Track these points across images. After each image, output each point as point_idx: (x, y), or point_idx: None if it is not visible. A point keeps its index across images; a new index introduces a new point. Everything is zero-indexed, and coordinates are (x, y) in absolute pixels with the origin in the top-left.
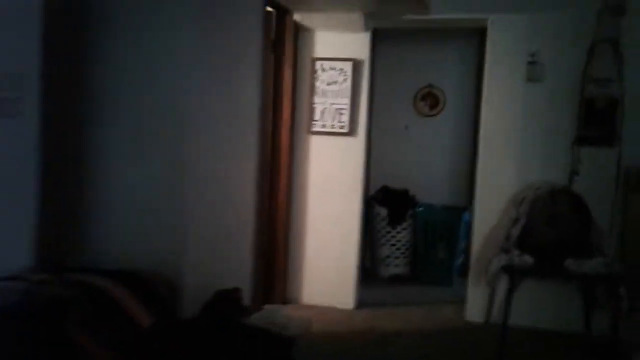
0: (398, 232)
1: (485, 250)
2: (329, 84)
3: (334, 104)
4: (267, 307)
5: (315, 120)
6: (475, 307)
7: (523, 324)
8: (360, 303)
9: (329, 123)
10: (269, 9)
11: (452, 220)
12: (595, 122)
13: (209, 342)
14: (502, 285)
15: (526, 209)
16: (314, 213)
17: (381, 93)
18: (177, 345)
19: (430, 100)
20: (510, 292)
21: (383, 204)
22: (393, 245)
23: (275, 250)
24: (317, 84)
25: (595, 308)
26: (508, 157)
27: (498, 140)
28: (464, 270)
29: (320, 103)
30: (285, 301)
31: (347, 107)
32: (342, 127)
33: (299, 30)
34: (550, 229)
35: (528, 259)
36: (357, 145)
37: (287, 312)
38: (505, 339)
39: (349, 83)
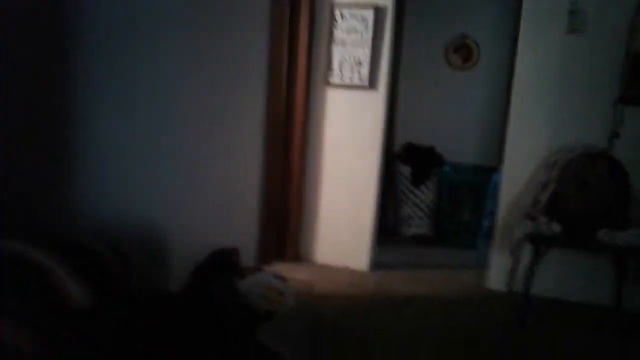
0: (422, 192)
1: (511, 216)
2: (348, 32)
3: (353, 54)
4: (271, 267)
5: (333, 72)
6: (498, 275)
7: (547, 295)
8: (376, 264)
9: (347, 75)
10: None
11: (480, 180)
12: None
13: (154, 324)
14: (527, 254)
15: (557, 173)
16: (330, 171)
17: (410, 44)
18: (113, 327)
19: (463, 52)
20: (534, 262)
21: (407, 161)
22: (416, 204)
23: (288, 209)
24: (336, 32)
25: (628, 282)
26: (542, 116)
27: (532, 97)
28: (490, 234)
29: (338, 53)
30: (297, 259)
31: (368, 58)
32: (361, 80)
33: None
34: (583, 196)
35: (556, 227)
36: (377, 99)
37: (292, 274)
38: (526, 309)
39: (370, 32)
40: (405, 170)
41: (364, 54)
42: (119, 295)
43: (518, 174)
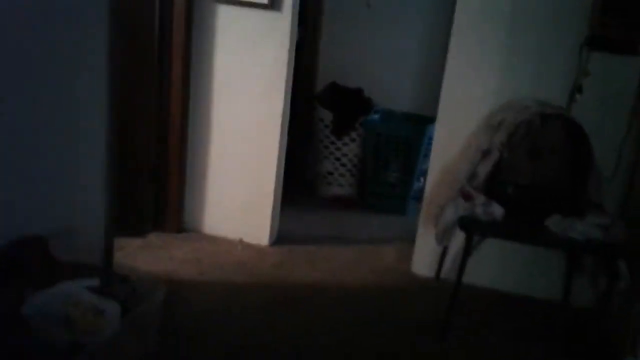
0: (345, 144)
1: (441, 187)
2: None
3: None
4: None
5: None
6: (424, 258)
7: (481, 284)
8: (280, 237)
9: None
10: None
11: (413, 133)
12: (617, 17)
13: None
14: (459, 239)
15: (503, 138)
16: (221, 121)
17: None
18: None
19: None
20: (467, 252)
21: (329, 106)
22: (338, 159)
23: (167, 166)
24: None
25: (582, 276)
26: (487, 60)
27: (476, 34)
28: (422, 198)
29: None
30: (180, 230)
31: None
32: None
33: None
34: (533, 168)
35: (497, 211)
36: (281, 23)
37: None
38: (455, 302)
39: None
40: (327, 116)
41: None
42: None
43: (454, 134)
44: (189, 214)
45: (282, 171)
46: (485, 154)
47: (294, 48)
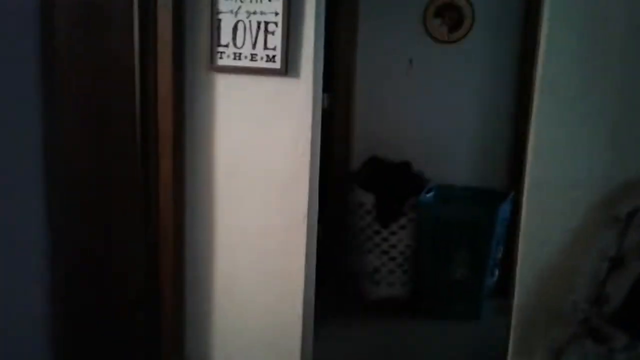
0: (393, 233)
1: (542, 304)
2: None
3: (255, 13)
4: None
5: (223, 46)
6: None
7: None
8: None
9: (247, 51)
10: None
11: (482, 214)
12: None
13: None
14: None
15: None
16: (228, 226)
17: (367, 3)
18: None
19: (449, 15)
20: None
21: (369, 186)
22: (385, 252)
23: (158, 296)
24: None
25: None
26: (594, 123)
27: (573, 89)
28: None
29: (228, 13)
30: None
31: (280, 19)
32: (271, 59)
33: None
34: None
35: None
36: (299, 93)
37: None
38: None
39: None
40: (368, 199)
41: (273, 11)
42: None
43: (549, 226)
44: (191, 348)
45: (312, 280)
46: (614, 263)
47: (319, 121)
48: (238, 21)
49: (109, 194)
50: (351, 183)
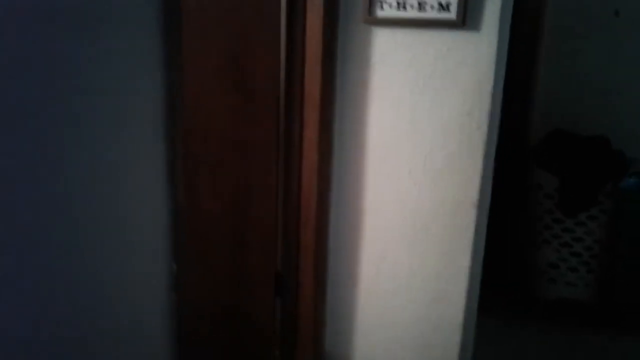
0: (579, 224)
1: None
2: None
3: None
4: None
5: None
6: None
7: None
8: None
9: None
10: None
11: None
12: None
13: None
14: None
15: None
16: (378, 207)
17: None
18: None
19: None
20: None
21: (552, 166)
22: (567, 245)
23: (297, 279)
24: None
25: None
26: None
27: None
28: None
29: None
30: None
31: None
32: (445, 8)
33: None
34: None
35: None
36: (479, 50)
37: None
38: None
39: None
40: (549, 181)
41: None
42: None
43: None
44: (331, 338)
45: (478, 280)
46: None
47: (501, 88)
48: None
49: (245, 155)
50: (528, 161)
